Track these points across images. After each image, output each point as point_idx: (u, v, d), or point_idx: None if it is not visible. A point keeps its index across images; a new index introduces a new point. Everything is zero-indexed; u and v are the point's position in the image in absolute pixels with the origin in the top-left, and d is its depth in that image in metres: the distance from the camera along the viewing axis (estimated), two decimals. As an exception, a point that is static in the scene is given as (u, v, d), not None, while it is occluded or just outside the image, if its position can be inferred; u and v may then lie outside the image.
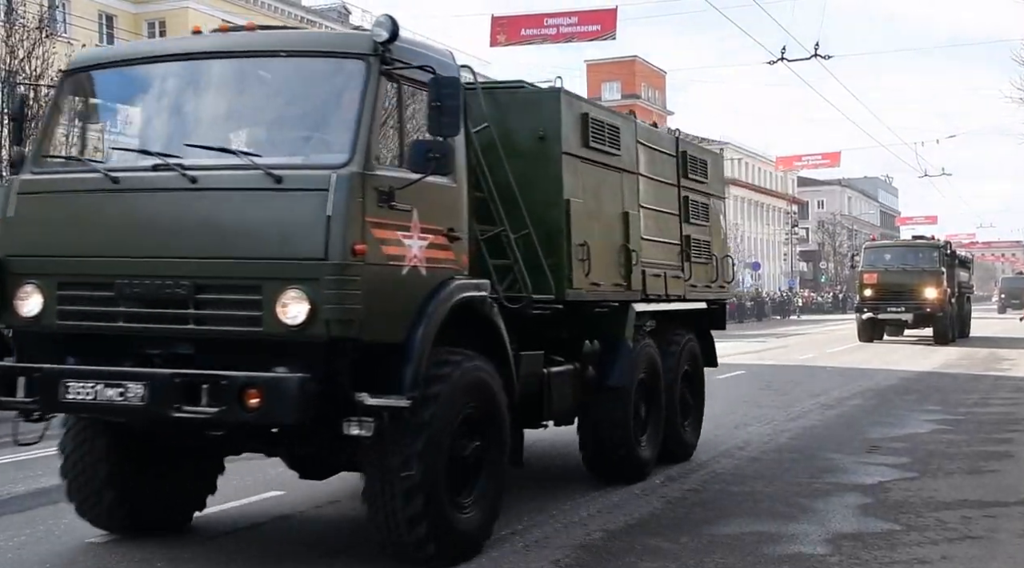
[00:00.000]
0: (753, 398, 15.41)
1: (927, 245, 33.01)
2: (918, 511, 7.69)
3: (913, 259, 31.33)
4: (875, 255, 32.35)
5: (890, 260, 31.72)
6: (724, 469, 9.47)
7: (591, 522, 7.28)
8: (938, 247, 32.43)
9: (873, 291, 30.55)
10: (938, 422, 12.85)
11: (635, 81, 79.51)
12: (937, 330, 30.48)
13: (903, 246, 34.28)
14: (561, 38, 31.07)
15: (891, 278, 30.44)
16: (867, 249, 33.28)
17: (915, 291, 30.00)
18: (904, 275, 30.50)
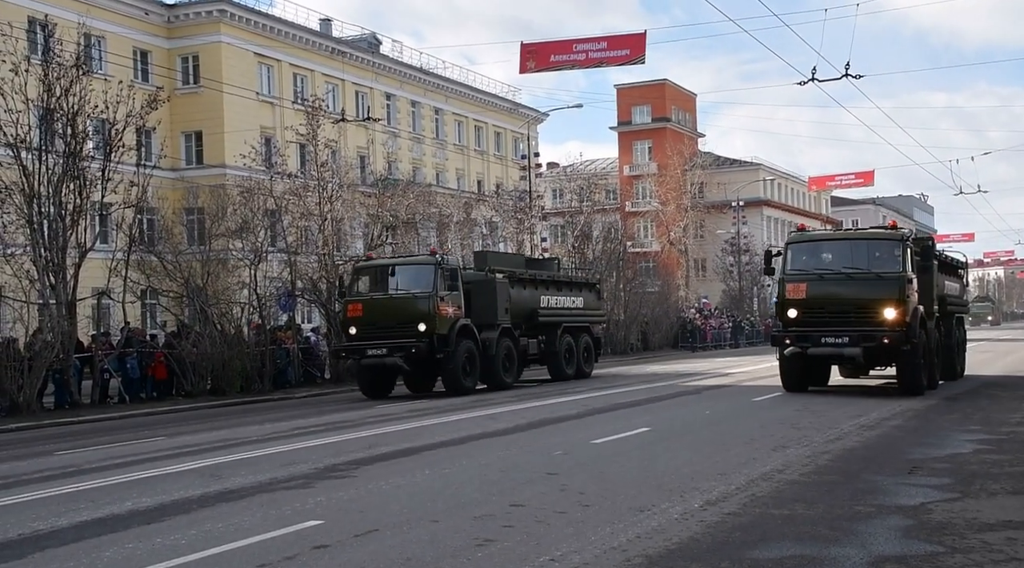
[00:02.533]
0: (790, 419, 15.28)
1: (884, 237, 20.37)
2: (962, 533, 7.57)
3: (863, 258, 19.68)
4: (804, 253, 20.31)
5: (828, 261, 20.06)
6: (763, 492, 9.38)
7: (631, 547, 7.23)
8: (901, 240, 19.73)
9: (800, 311, 19.50)
10: (980, 442, 12.67)
11: (665, 104, 79.53)
12: (903, 371, 19.32)
13: (847, 239, 22.07)
14: (590, 63, 31.15)
15: (828, 289, 19.53)
16: (792, 244, 20.45)
17: (866, 310, 19.06)
18: (848, 285, 19.43)
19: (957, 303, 25.67)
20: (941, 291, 22.68)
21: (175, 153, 42.37)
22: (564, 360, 28.38)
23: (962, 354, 25.38)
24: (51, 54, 23.61)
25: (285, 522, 8.46)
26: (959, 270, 26.90)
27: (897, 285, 18.97)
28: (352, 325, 23.82)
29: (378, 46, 56.89)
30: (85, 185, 23.64)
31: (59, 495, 10.52)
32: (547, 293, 28.29)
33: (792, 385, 20.59)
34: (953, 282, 25.42)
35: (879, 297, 19.01)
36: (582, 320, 30.09)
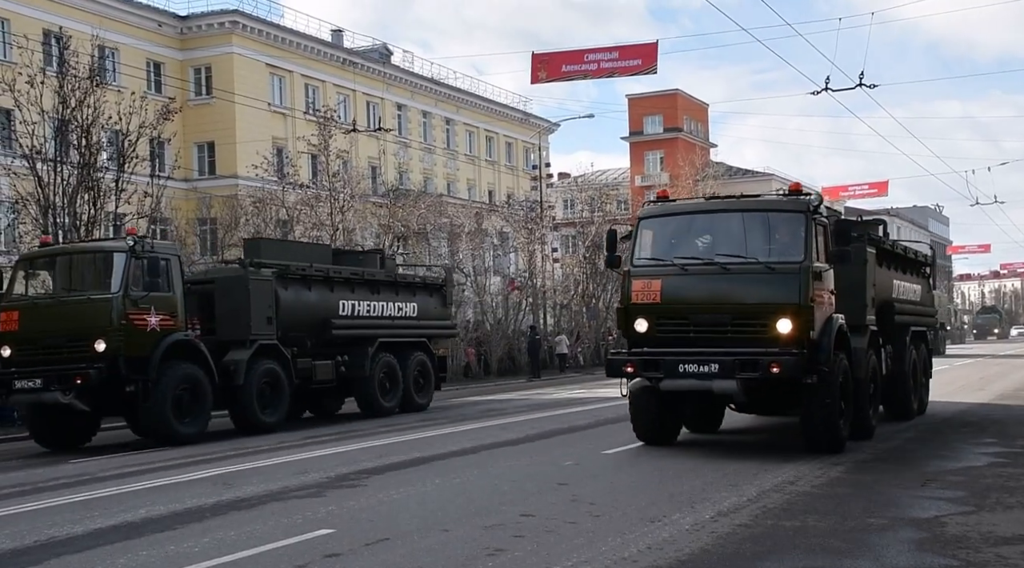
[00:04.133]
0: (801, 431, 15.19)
1: (778, 208, 13.31)
2: (976, 546, 7.53)
3: (747, 241, 12.84)
4: (662, 234, 13.41)
5: (697, 246, 13.18)
6: (775, 503, 9.36)
7: (641, 559, 7.22)
8: (805, 212, 12.74)
9: (651, 322, 12.90)
10: (995, 455, 12.61)
11: (677, 114, 79.52)
12: (807, 416, 12.79)
13: (723, 211, 13.63)
14: (602, 73, 31.20)
15: (693, 289, 12.90)
16: (646, 221, 13.60)
17: (748, 321, 12.52)
18: (723, 282, 12.74)
19: (916, 312, 17.75)
20: (887, 294, 15.88)
21: (188, 164, 42.53)
22: (380, 388, 21.25)
23: (924, 383, 18.23)
24: (66, 66, 23.77)
25: (297, 531, 8.48)
26: (923, 267, 19.28)
27: (796, 282, 12.00)
28: (4, 343, 16.42)
29: (389, 57, 57.06)
30: (99, 196, 23.75)
31: (74, 503, 10.57)
32: (351, 296, 21.02)
33: (649, 432, 13.62)
34: (910, 282, 17.86)
35: (768, 300, 12.13)
36: (413, 333, 22.87)
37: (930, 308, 19.86)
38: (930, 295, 19.96)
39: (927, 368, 18.80)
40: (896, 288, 16.78)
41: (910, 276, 18.13)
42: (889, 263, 16.49)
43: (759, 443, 13.92)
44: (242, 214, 33.32)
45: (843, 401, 12.84)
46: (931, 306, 19.91)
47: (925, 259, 19.71)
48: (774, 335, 12.12)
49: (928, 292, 19.65)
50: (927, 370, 18.81)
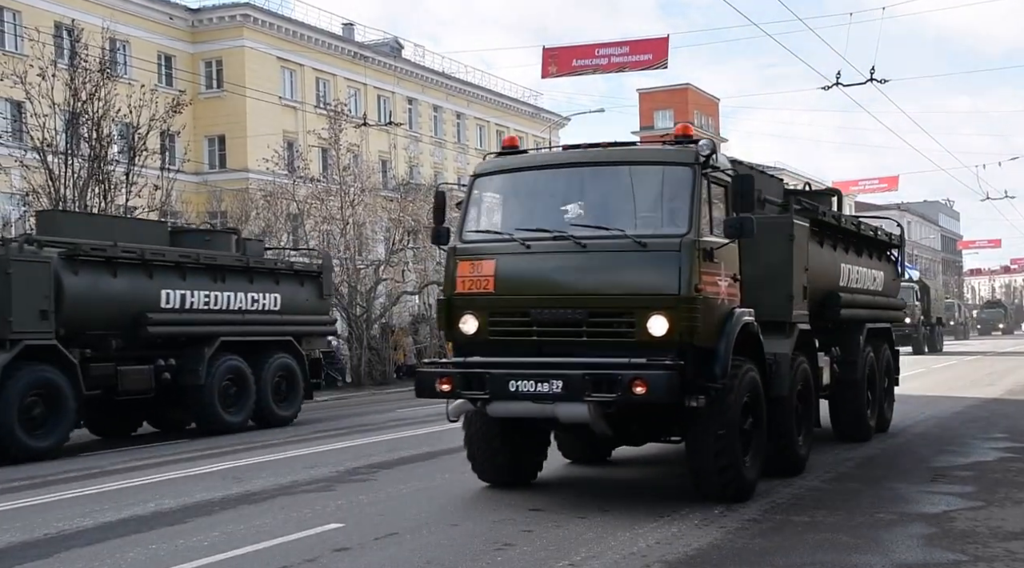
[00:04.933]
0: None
1: (655, 160, 9.52)
2: (985, 541, 7.52)
3: (612, 207, 9.26)
4: (502, 197, 9.95)
5: (516, 211, 9.74)
6: (784, 499, 9.35)
7: (650, 553, 7.22)
8: (693, 164, 8.98)
9: (482, 319, 9.33)
10: (1005, 450, 12.57)
11: (688, 109, 79.41)
12: (696, 455, 9.09)
13: (581, 164, 9.52)
14: (612, 68, 31.18)
15: (537, 273, 9.27)
16: (482, 180, 9.88)
17: (611, 318, 8.90)
18: (577, 263, 9.07)
19: (874, 304, 14.18)
20: (831, 281, 12.48)
21: (198, 157, 42.60)
22: (222, 398, 16.93)
23: (887, 393, 14.74)
24: (77, 59, 23.83)
25: (306, 525, 8.50)
26: (887, 250, 15.54)
27: (675, 263, 8.64)
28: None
29: (400, 50, 57.05)
30: (110, 189, 23.81)
31: (83, 496, 10.61)
32: (181, 285, 16.59)
33: (492, 469, 10.21)
34: (868, 267, 14.18)
35: (636, 290, 8.78)
36: (274, 331, 18.50)
37: (895, 300, 16.00)
38: (896, 283, 16.11)
39: (891, 374, 15.09)
40: (846, 274, 13.04)
41: (867, 260, 14.19)
42: (835, 242, 12.63)
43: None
44: (252, 208, 33.34)
45: (751, 428, 9.38)
46: (893, 297, 15.86)
47: (890, 239, 15.34)
48: (645, 339, 8.49)
49: (894, 280, 15.82)
50: (891, 376, 15.09)
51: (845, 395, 13.15)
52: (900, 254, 16.03)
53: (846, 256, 13.23)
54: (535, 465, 10.52)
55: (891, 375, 15.18)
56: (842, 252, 13.09)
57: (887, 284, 15.32)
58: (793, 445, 10.53)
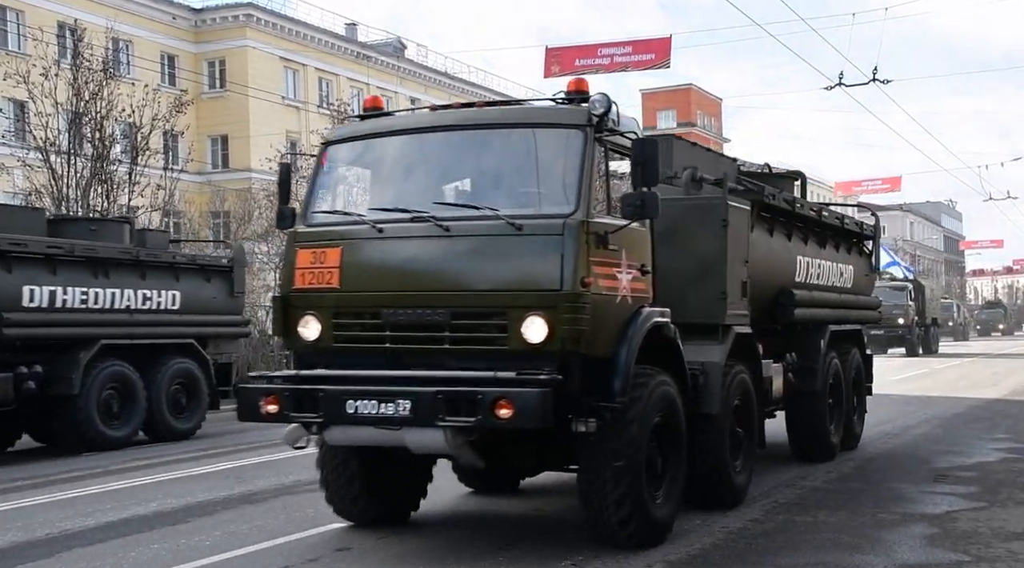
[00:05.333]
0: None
1: (537, 117, 7.70)
2: (988, 542, 7.52)
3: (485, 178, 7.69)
4: (359, 166, 8.24)
5: (374, 187, 8.06)
6: (786, 499, 9.35)
7: (652, 553, 7.22)
8: (584, 124, 7.24)
9: (325, 322, 7.48)
10: (1008, 450, 12.56)
11: (690, 109, 79.43)
12: (587, 491, 7.31)
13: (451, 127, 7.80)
14: (615, 67, 31.18)
15: (392, 264, 7.37)
16: (335, 147, 8.07)
17: (477, 321, 7.08)
18: (438, 251, 7.25)
19: (840, 303, 12.41)
20: (783, 276, 10.84)
21: (201, 157, 42.65)
22: (103, 411, 14.69)
23: (856, 405, 12.94)
24: (80, 58, 23.84)
25: (308, 524, 8.50)
26: (858, 241, 13.70)
27: (556, 250, 6.95)
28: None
29: (403, 50, 57.09)
30: (112, 188, 23.81)
31: (86, 495, 10.61)
32: (52, 281, 14.19)
33: (351, 507, 8.34)
34: (832, 260, 12.39)
35: (509, 285, 7.09)
36: (171, 332, 16.18)
37: (868, 298, 14.16)
38: (871, 279, 14.42)
39: (862, 382, 13.23)
40: (803, 268, 11.29)
41: (833, 252, 12.42)
42: (789, 231, 10.99)
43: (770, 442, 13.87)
44: (255, 208, 33.40)
45: (665, 455, 7.69)
46: (867, 296, 14.19)
47: (860, 229, 13.46)
48: (521, 346, 6.80)
49: (867, 275, 13.94)
50: (862, 385, 13.23)
51: (803, 408, 11.32)
52: (875, 247, 14.09)
53: (804, 247, 11.41)
54: (412, 497, 8.51)
55: (862, 384, 13.21)
56: (799, 243, 11.28)
57: (858, 280, 13.41)
58: (726, 472, 8.64)
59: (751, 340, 9.43)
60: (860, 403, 13.13)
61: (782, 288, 10.66)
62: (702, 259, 8.84)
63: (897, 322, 40.11)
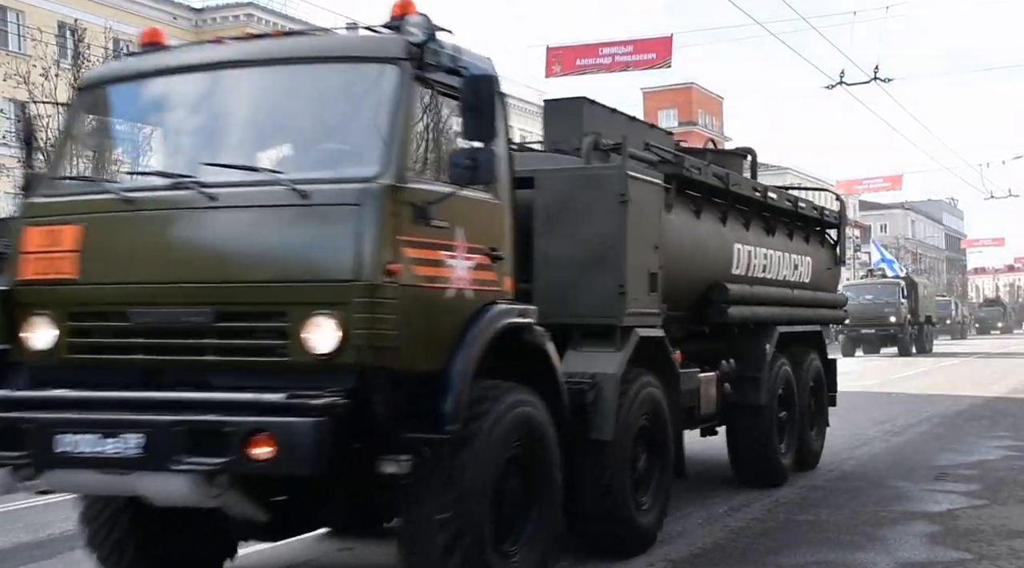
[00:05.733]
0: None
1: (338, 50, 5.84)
2: (989, 539, 7.52)
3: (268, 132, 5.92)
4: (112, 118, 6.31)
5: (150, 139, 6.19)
6: (788, 497, 9.35)
7: (653, 552, 7.22)
8: (399, 58, 5.33)
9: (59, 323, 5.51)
10: (1009, 448, 12.56)
11: (692, 108, 79.41)
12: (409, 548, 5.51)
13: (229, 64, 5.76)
14: (616, 67, 31.18)
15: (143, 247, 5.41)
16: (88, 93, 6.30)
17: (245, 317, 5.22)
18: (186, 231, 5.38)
19: (791, 300, 10.62)
20: (717, 267, 9.22)
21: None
22: None
23: (814, 421, 11.07)
24: (80, 59, 23.86)
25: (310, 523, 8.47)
26: (819, 230, 11.90)
27: (350, 226, 5.05)
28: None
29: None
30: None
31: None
32: None
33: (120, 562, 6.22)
34: (783, 250, 10.69)
35: (287, 275, 5.12)
36: None
37: (832, 295, 12.55)
38: (835, 273, 12.41)
39: (822, 392, 11.27)
40: (742, 259, 9.51)
41: (784, 241, 10.64)
42: (723, 213, 9.22)
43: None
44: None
45: (528, 496, 5.91)
46: (834, 290, 12.82)
47: (821, 215, 11.63)
48: (306, 358, 5.04)
49: (830, 269, 12.04)
50: (822, 395, 11.28)
51: (744, 425, 9.54)
52: (840, 236, 12.14)
53: (744, 234, 9.62)
54: (214, 557, 6.50)
55: (822, 394, 11.29)
56: (737, 228, 9.49)
57: (819, 274, 11.55)
58: (626, 512, 6.96)
59: (663, 345, 7.60)
60: (819, 416, 11.24)
61: (714, 282, 8.90)
62: (596, 244, 7.00)
63: (889, 321, 39.66)
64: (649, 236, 7.40)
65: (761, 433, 9.59)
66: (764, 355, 9.54)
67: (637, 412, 7.05)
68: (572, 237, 7.04)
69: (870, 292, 40.99)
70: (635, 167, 7.34)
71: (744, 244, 9.60)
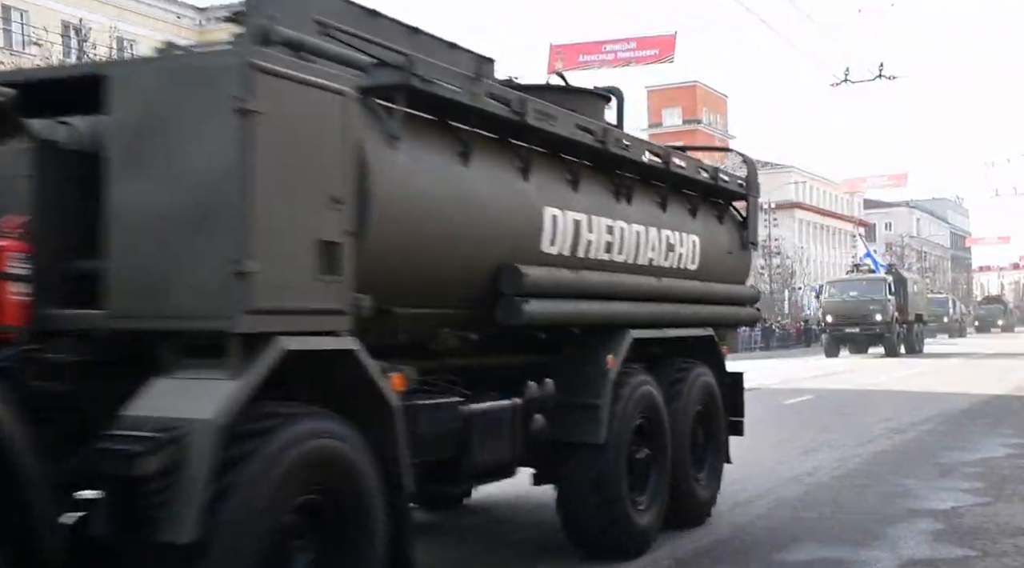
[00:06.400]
0: (821, 423, 15.17)
1: None
2: (993, 537, 7.50)
3: None
4: None
5: None
6: (792, 495, 9.33)
7: (658, 548, 7.21)
8: None
9: None
10: (1014, 446, 12.53)
11: (696, 106, 79.32)
12: None
13: None
14: (619, 63, 31.23)
15: None
16: None
17: None
18: None
19: (654, 295, 7.43)
20: (520, 244, 6.13)
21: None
22: None
23: (703, 459, 8.16)
24: (84, 58, 23.93)
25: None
26: (714, 198, 8.81)
27: None
28: None
29: (408, 48, 57.14)
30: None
31: (91, 493, 10.61)
32: None
33: None
34: (649, 224, 7.49)
35: None
36: None
37: (739, 288, 9.16)
38: (743, 258, 9.26)
39: (718, 419, 8.34)
40: (562, 230, 6.48)
41: (649, 210, 7.58)
42: (524, 163, 6.26)
43: (777, 438, 13.87)
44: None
45: None
46: (741, 280, 9.29)
47: (715, 180, 8.50)
48: None
49: (731, 253, 8.95)
50: (717, 424, 8.34)
51: (570, 472, 6.68)
52: (750, 210, 9.17)
53: (566, 196, 6.55)
54: None
55: (715, 421, 8.25)
56: (553, 186, 6.46)
57: (713, 259, 8.39)
58: None
59: (350, 363, 4.66)
60: (712, 451, 8.25)
61: (503, 265, 5.89)
62: (201, 190, 4.19)
63: (874, 319, 37.34)
64: (318, 179, 4.52)
65: (599, 483, 6.57)
66: (603, 372, 6.63)
67: (265, 493, 4.03)
68: (165, 181, 4.21)
69: (854, 288, 39.21)
70: (283, 60, 4.40)
71: (566, 210, 6.43)
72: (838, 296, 39.20)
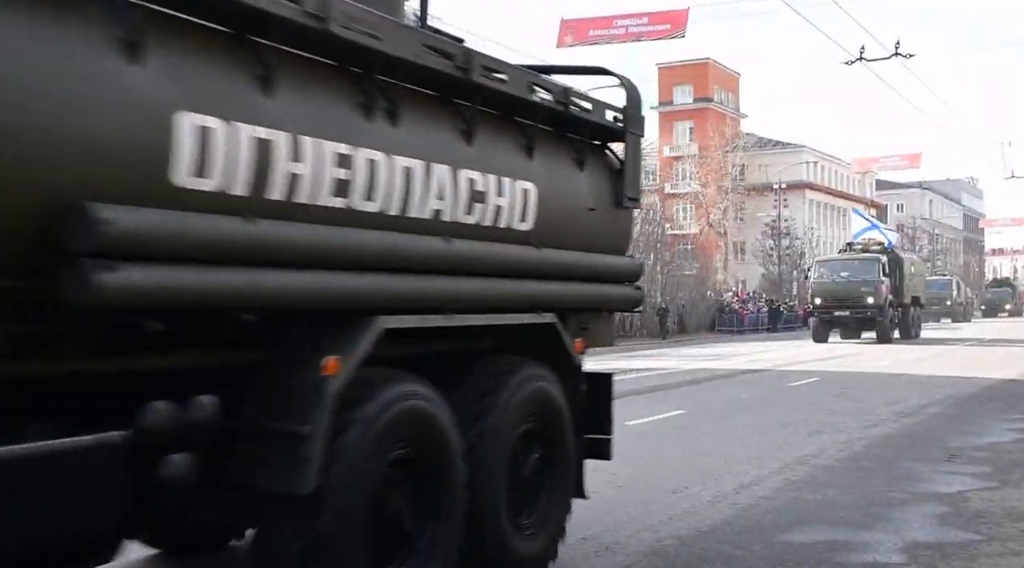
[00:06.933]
0: (827, 405, 15.15)
1: None
2: (999, 521, 7.48)
3: None
4: None
5: None
6: (798, 476, 9.32)
7: (662, 528, 7.22)
8: None
9: None
10: (1021, 431, 12.51)
11: (708, 84, 78.91)
12: None
13: None
14: (629, 37, 31.01)
15: None
16: None
17: None
18: None
19: (443, 263, 5.03)
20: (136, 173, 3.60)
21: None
22: None
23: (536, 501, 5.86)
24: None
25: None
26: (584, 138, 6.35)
27: None
28: None
29: (418, 24, 56.86)
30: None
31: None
32: None
33: None
34: (458, 164, 5.16)
35: None
36: None
37: (605, 260, 6.56)
38: (603, 218, 6.55)
39: (564, 441, 6.05)
40: (224, 152, 3.89)
41: (444, 142, 5.18)
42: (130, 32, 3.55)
43: (781, 420, 13.84)
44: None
45: None
46: (618, 248, 6.90)
47: (565, 104, 6.02)
48: None
49: (593, 210, 6.43)
50: (563, 447, 6.06)
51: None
52: (629, 155, 6.81)
53: (233, 95, 4.03)
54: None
55: (558, 444, 6.04)
56: (214, 76, 4.00)
57: (561, 217, 6.05)
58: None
59: None
60: (551, 487, 6.06)
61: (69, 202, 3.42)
62: None
63: (866, 302, 34.43)
64: None
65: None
66: (315, 382, 4.31)
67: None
68: None
69: (846, 269, 36.15)
70: None
71: (235, 121, 4.00)
72: (828, 277, 36.22)
